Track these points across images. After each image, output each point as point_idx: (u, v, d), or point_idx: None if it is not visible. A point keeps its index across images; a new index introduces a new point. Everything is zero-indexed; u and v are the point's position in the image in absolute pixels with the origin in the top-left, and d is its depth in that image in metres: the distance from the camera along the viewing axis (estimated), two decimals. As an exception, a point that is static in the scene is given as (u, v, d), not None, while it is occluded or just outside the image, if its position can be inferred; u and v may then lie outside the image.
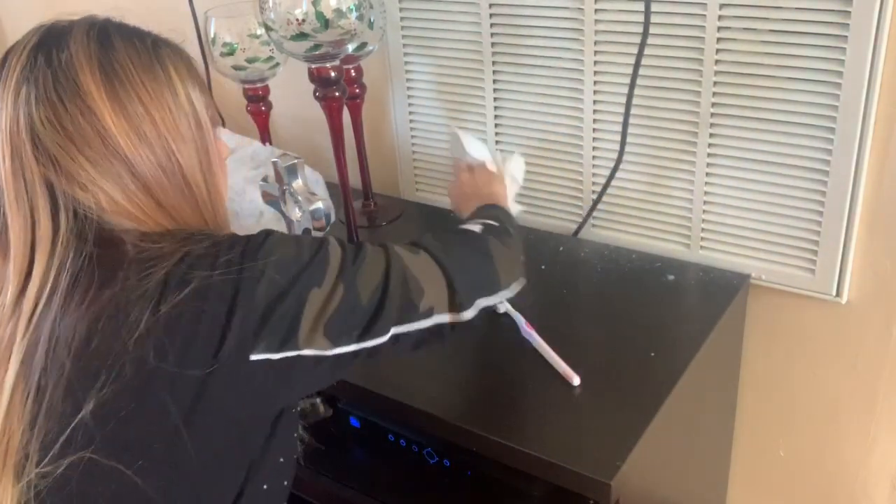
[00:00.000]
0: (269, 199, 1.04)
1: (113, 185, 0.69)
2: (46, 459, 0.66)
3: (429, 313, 0.77)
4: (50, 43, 0.70)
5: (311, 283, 0.70)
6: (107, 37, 0.71)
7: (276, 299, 0.68)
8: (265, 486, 0.74)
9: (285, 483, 0.78)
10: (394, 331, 0.75)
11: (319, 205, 0.99)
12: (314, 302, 0.70)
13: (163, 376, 0.65)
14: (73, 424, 0.65)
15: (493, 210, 0.93)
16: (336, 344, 0.71)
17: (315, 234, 1.03)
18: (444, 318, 0.78)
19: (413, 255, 0.78)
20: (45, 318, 0.68)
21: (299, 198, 0.99)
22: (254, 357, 0.67)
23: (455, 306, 0.78)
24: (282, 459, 0.76)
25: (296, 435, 0.79)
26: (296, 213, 1.00)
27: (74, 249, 0.68)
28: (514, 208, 1.05)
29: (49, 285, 0.68)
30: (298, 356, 0.69)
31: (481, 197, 0.99)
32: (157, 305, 0.66)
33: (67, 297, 0.68)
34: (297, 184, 0.99)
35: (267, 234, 0.72)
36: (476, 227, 0.86)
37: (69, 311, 0.67)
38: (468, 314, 0.80)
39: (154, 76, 0.72)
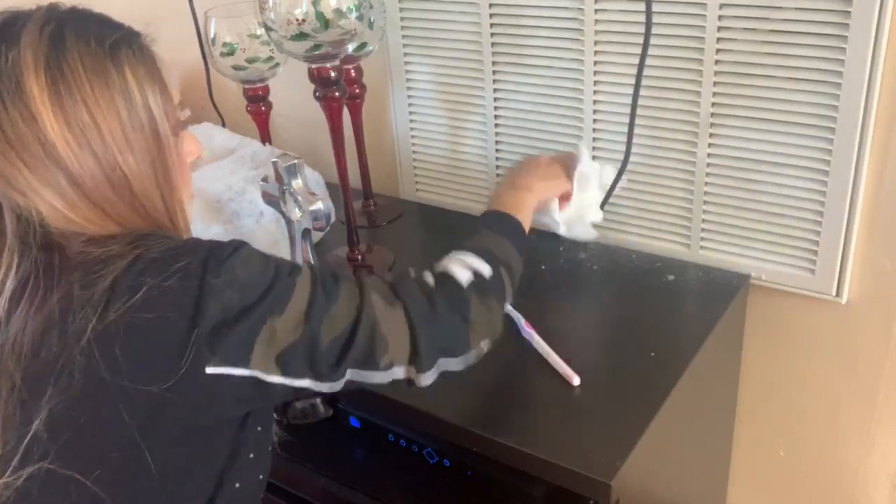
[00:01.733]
0: (268, 199, 1.04)
1: (52, 193, 0.66)
2: (8, 471, 0.64)
3: (388, 367, 0.74)
4: (2, 36, 0.66)
5: (271, 309, 0.67)
6: (60, 35, 0.67)
7: (232, 318, 0.65)
8: (237, 485, 0.73)
9: (260, 477, 0.76)
10: (349, 377, 0.73)
11: (319, 205, 0.98)
12: (271, 329, 0.67)
13: (115, 389, 0.63)
14: (27, 437, 0.63)
15: (498, 230, 0.89)
16: (287, 375, 0.69)
17: (316, 233, 1.03)
18: (401, 375, 0.76)
19: (388, 309, 0.74)
20: None
21: (299, 198, 0.99)
22: (209, 370, 0.65)
23: (415, 368, 0.75)
24: (252, 455, 0.74)
25: (272, 426, 0.78)
26: (296, 213, 1.00)
27: (20, 254, 0.66)
28: (598, 215, 1.09)
29: None
30: (253, 375, 0.67)
31: (512, 187, 0.98)
32: (104, 312, 0.63)
33: (13, 304, 0.65)
34: (297, 184, 0.99)
35: (235, 247, 0.68)
36: (464, 276, 0.81)
37: (15, 318, 0.65)
38: (427, 379, 0.77)
39: (106, 81, 0.67)
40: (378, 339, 0.73)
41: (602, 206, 1.13)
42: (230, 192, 1.13)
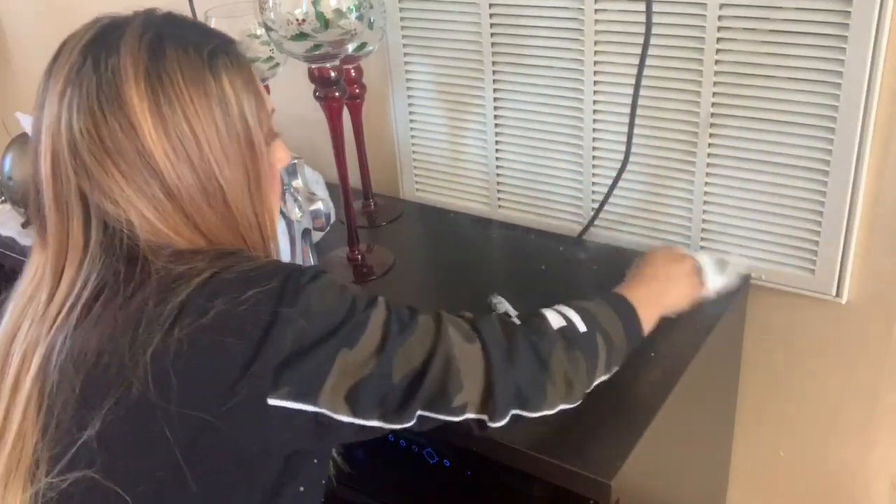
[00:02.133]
0: None
1: (146, 204, 0.66)
2: (55, 471, 0.64)
3: (461, 411, 0.71)
4: (101, 44, 0.67)
5: (343, 342, 0.65)
6: (160, 43, 0.67)
7: (305, 350, 0.63)
8: None
9: None
10: (420, 415, 0.69)
11: (319, 205, 0.99)
12: (343, 364, 0.65)
13: (164, 411, 0.62)
14: (78, 443, 0.63)
15: (612, 304, 0.84)
16: (355, 414, 0.66)
17: (316, 232, 1.03)
18: (473, 418, 0.72)
19: (466, 343, 0.71)
20: (63, 328, 0.65)
21: (299, 197, 0.99)
22: (272, 402, 0.63)
23: (487, 412, 0.72)
24: (303, 489, 0.71)
25: (330, 459, 0.75)
26: (296, 213, 1.00)
27: (102, 263, 0.66)
28: (720, 282, 0.98)
29: (73, 295, 0.66)
30: (317, 412, 0.65)
31: (641, 275, 0.93)
32: (170, 331, 0.62)
33: (84, 311, 0.65)
34: (297, 183, 0.99)
35: (313, 276, 0.66)
36: (555, 319, 0.78)
37: (86, 325, 0.65)
38: (498, 423, 0.73)
39: (205, 91, 0.67)
40: (454, 373, 0.69)
41: (601, 206, 1.13)
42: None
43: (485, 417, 0.72)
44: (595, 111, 1.14)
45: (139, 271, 0.66)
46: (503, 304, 1.04)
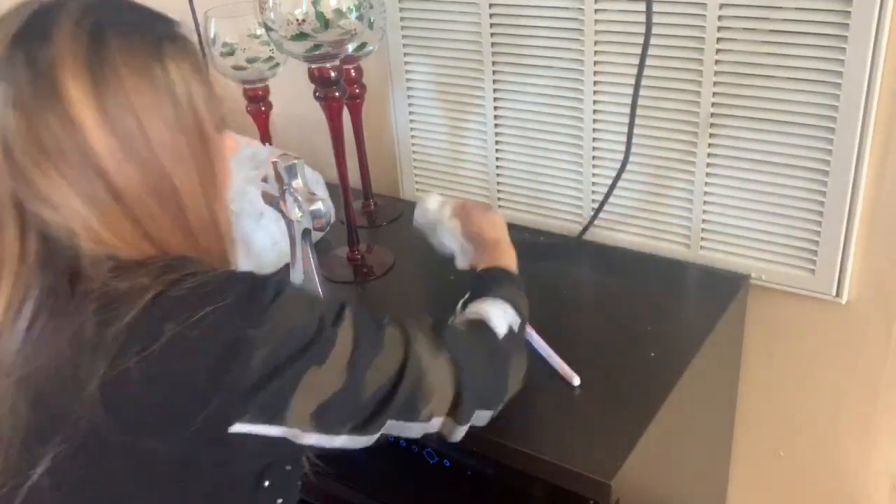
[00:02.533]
0: (269, 199, 1.04)
1: (90, 209, 0.59)
2: None
3: (427, 419, 0.71)
4: (32, 33, 0.59)
5: (312, 360, 0.61)
6: (100, 29, 0.60)
7: (271, 373, 0.59)
8: None
9: None
10: (385, 429, 0.68)
11: (319, 205, 0.98)
12: (311, 382, 0.61)
13: (119, 444, 0.57)
14: (28, 482, 0.58)
15: (510, 283, 0.88)
16: (323, 431, 0.64)
17: (315, 233, 1.03)
18: (437, 427, 0.73)
19: (433, 358, 0.71)
20: (6, 349, 0.59)
21: (299, 198, 0.99)
22: (233, 430, 0.59)
23: (454, 419, 0.73)
24: (281, 501, 0.69)
25: (301, 466, 0.73)
26: (296, 214, 1.00)
27: (40, 278, 0.59)
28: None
29: (11, 313, 0.59)
30: (284, 432, 0.62)
31: (485, 244, 0.94)
32: (118, 357, 0.56)
33: (27, 333, 0.59)
34: (297, 184, 0.99)
35: (276, 291, 0.61)
36: (502, 327, 0.79)
37: (26, 350, 0.59)
38: (460, 434, 0.75)
39: (152, 81, 0.61)
40: (423, 389, 0.69)
41: (601, 207, 1.13)
42: (230, 192, 1.13)
43: (449, 424, 0.74)
44: (595, 111, 1.14)
45: (78, 289, 0.59)
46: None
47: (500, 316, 0.80)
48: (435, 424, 0.73)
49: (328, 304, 0.66)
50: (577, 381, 0.91)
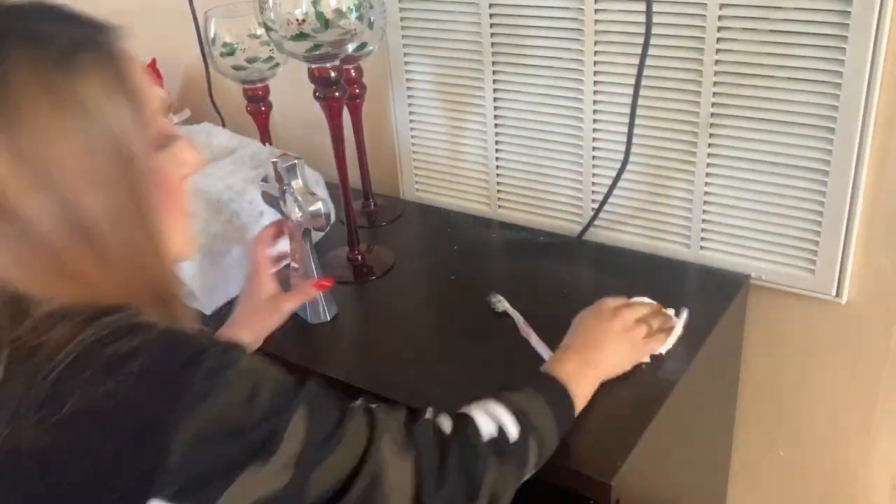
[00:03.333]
0: (268, 199, 1.04)
1: (1, 254, 0.53)
2: None
3: None
4: None
5: (253, 456, 0.53)
6: (4, 42, 0.52)
7: (200, 466, 0.51)
8: None
9: None
10: None
11: (319, 205, 0.98)
12: (248, 480, 0.53)
13: None
14: None
15: (547, 398, 0.77)
16: None
17: (316, 233, 1.03)
18: None
19: (398, 457, 0.62)
20: None
21: (299, 198, 0.99)
22: None
23: None
24: None
25: None
26: (296, 213, 1.00)
27: None
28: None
29: None
30: None
31: (582, 355, 0.84)
32: (14, 420, 0.50)
33: None
34: (297, 184, 0.99)
35: (219, 364, 0.53)
36: (486, 429, 0.70)
37: None
38: None
39: (60, 100, 0.53)
40: (378, 492, 0.61)
41: (601, 207, 1.13)
42: (230, 192, 1.13)
43: None
44: (595, 111, 1.14)
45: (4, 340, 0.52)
46: (503, 304, 1.04)
47: (489, 419, 0.71)
48: None
49: (282, 386, 0.58)
50: (576, 380, 0.91)
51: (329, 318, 1.07)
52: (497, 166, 1.27)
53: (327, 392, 0.61)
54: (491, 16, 1.16)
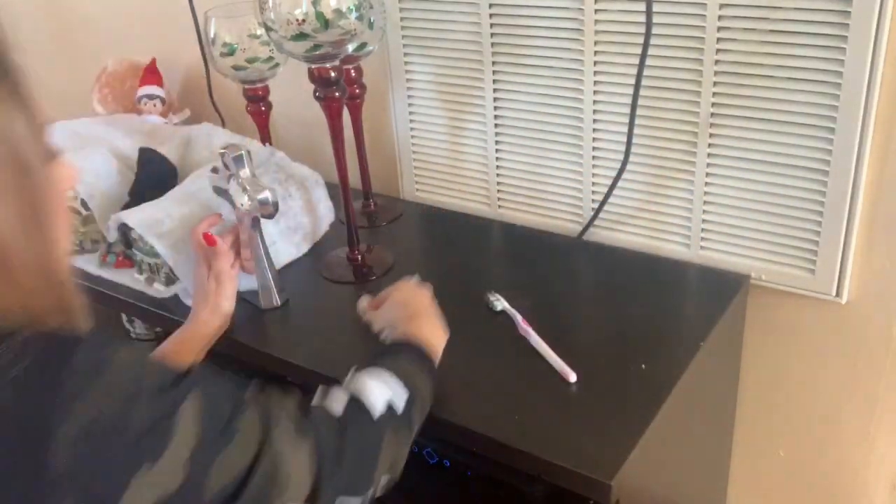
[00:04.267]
0: (218, 191, 1.06)
1: None
2: None
3: None
4: None
5: (143, 457, 0.52)
6: None
7: (88, 465, 0.50)
8: None
9: None
10: None
11: (267, 193, 1.01)
12: (141, 483, 0.52)
13: None
14: None
15: (412, 355, 0.82)
16: None
17: (266, 214, 1.04)
18: None
19: (294, 446, 0.63)
20: None
21: (247, 186, 1.01)
22: None
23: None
24: None
25: None
26: (244, 202, 1.02)
27: None
28: None
29: None
30: None
31: (407, 317, 0.89)
32: None
33: None
34: (244, 172, 1.02)
35: (100, 358, 0.52)
36: (378, 406, 0.73)
37: None
38: None
39: None
40: (277, 481, 0.61)
41: (601, 207, 1.13)
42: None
43: None
44: (595, 111, 1.14)
45: None
46: (501, 303, 1.04)
47: (378, 393, 0.74)
48: None
49: (168, 379, 0.56)
50: (573, 377, 0.91)
51: (279, 304, 1.09)
52: (497, 166, 1.27)
53: (217, 380, 0.60)
54: (491, 16, 1.16)
